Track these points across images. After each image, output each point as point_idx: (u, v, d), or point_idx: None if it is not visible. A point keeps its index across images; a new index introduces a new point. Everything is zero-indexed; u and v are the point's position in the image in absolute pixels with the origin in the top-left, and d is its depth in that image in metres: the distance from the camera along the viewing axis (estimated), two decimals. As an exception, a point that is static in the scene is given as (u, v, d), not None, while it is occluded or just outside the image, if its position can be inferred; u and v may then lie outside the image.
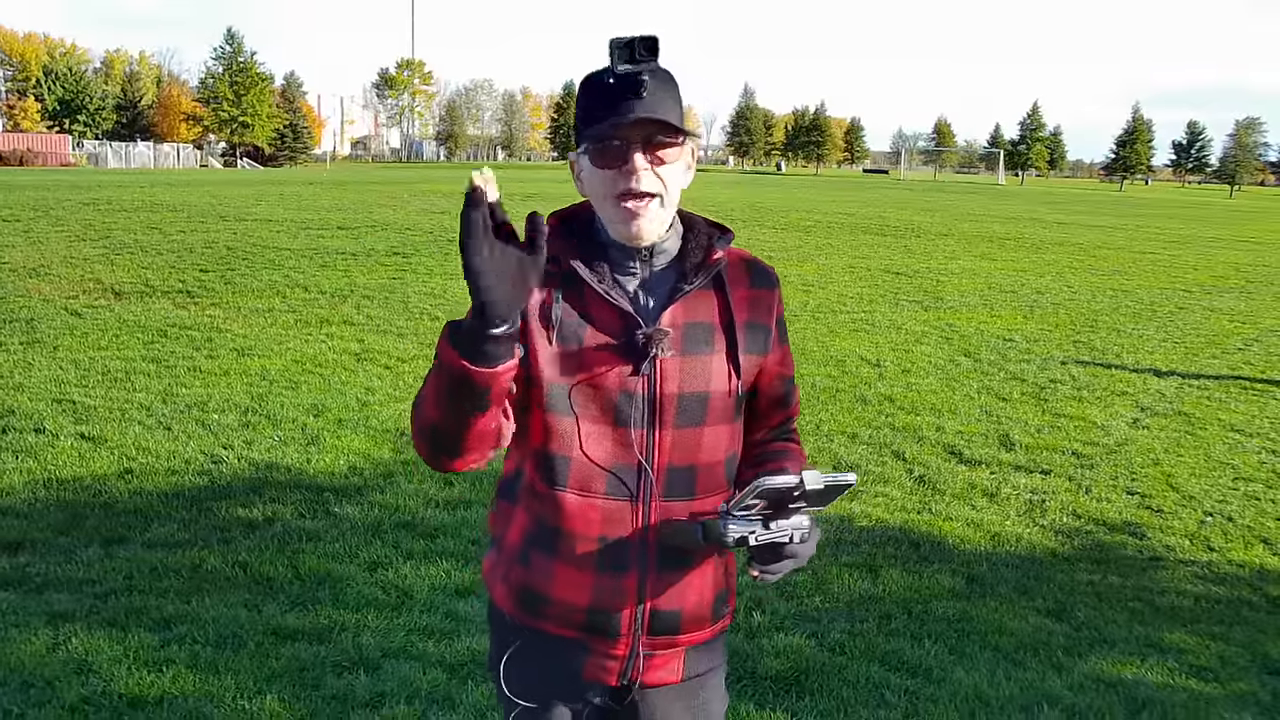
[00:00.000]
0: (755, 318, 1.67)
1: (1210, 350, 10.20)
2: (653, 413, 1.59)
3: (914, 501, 5.33)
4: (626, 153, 1.52)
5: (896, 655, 3.66)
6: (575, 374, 1.57)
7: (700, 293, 1.62)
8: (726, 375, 1.62)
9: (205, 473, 5.24)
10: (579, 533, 1.60)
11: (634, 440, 1.58)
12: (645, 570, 1.62)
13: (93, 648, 3.44)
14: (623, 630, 1.64)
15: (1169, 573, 4.61)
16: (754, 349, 1.66)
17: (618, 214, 1.56)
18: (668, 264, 1.63)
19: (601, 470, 1.59)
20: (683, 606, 1.65)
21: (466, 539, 4.49)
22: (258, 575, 4.06)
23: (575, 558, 1.61)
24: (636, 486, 1.60)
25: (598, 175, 1.56)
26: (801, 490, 1.45)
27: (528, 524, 1.65)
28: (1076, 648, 3.82)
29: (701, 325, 1.61)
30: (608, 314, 1.58)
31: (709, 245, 1.64)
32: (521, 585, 1.67)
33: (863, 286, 13.25)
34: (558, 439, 1.59)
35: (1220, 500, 5.62)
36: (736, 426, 1.69)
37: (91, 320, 8.95)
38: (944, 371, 8.48)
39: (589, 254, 1.60)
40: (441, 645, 3.56)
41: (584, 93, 1.57)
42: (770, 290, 1.70)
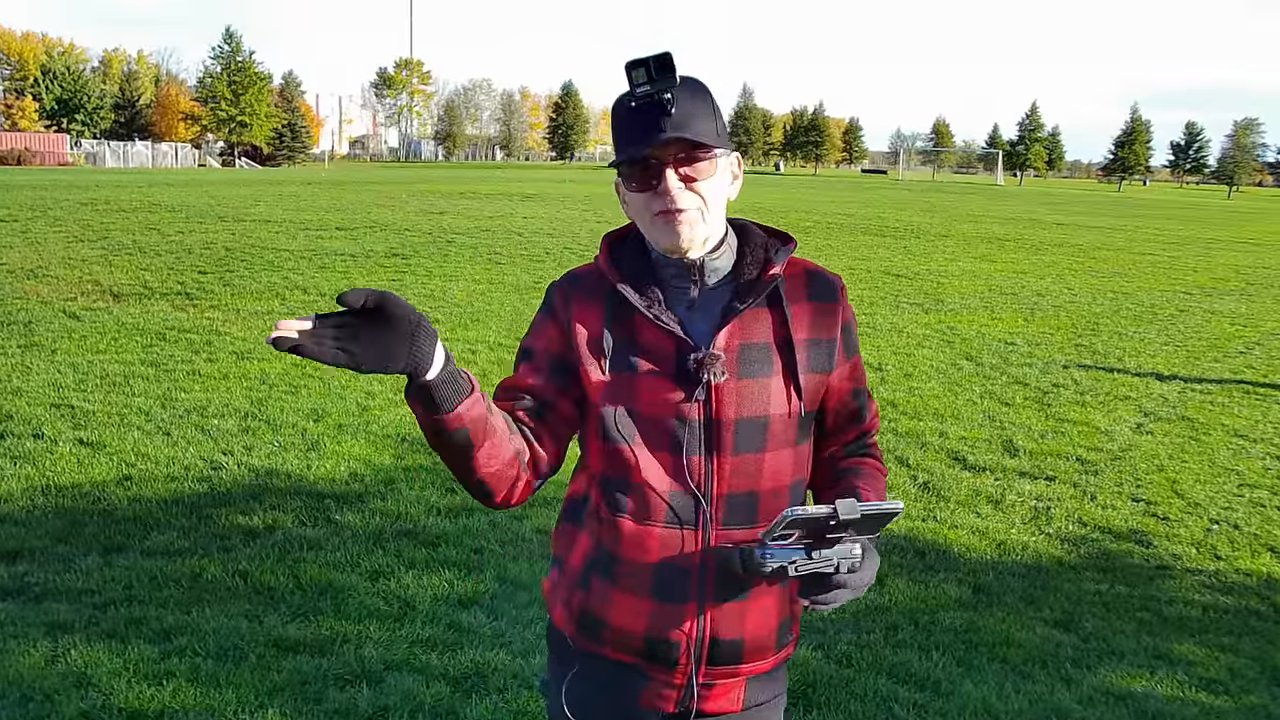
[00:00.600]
0: (817, 333, 1.61)
1: (1212, 354, 10.17)
2: (709, 439, 1.55)
3: (918, 509, 5.30)
4: (658, 173, 1.51)
5: (904, 667, 3.63)
6: (630, 401, 1.56)
7: (756, 311, 1.58)
8: (786, 397, 1.58)
9: (205, 479, 5.20)
10: (637, 560, 1.58)
11: (691, 468, 1.56)
12: (704, 599, 1.59)
13: (92, 660, 3.40)
14: (681, 659, 1.61)
15: (1176, 582, 4.58)
16: (817, 367, 1.61)
17: (657, 229, 1.54)
18: (720, 282, 1.59)
19: (660, 498, 1.56)
20: (743, 635, 1.61)
21: (469, 547, 4.45)
22: (258, 585, 4.02)
23: (633, 585, 1.59)
24: (695, 514, 1.57)
25: (636, 198, 1.55)
26: (837, 520, 1.39)
27: (589, 548, 1.64)
28: (1085, 659, 3.79)
29: (758, 345, 1.57)
30: (659, 339, 1.56)
31: (765, 259, 1.60)
32: (581, 609, 1.65)
33: (863, 288, 13.22)
34: (616, 466, 1.58)
35: (1226, 507, 5.59)
36: (802, 449, 1.64)
37: (90, 323, 8.91)
38: (946, 376, 8.45)
39: (639, 276, 1.59)
40: (445, 658, 3.53)
41: (613, 118, 1.55)
42: (834, 303, 1.64)
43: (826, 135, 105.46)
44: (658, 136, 1.48)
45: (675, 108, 1.48)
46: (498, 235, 17.13)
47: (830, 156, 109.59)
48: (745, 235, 1.64)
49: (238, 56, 72.85)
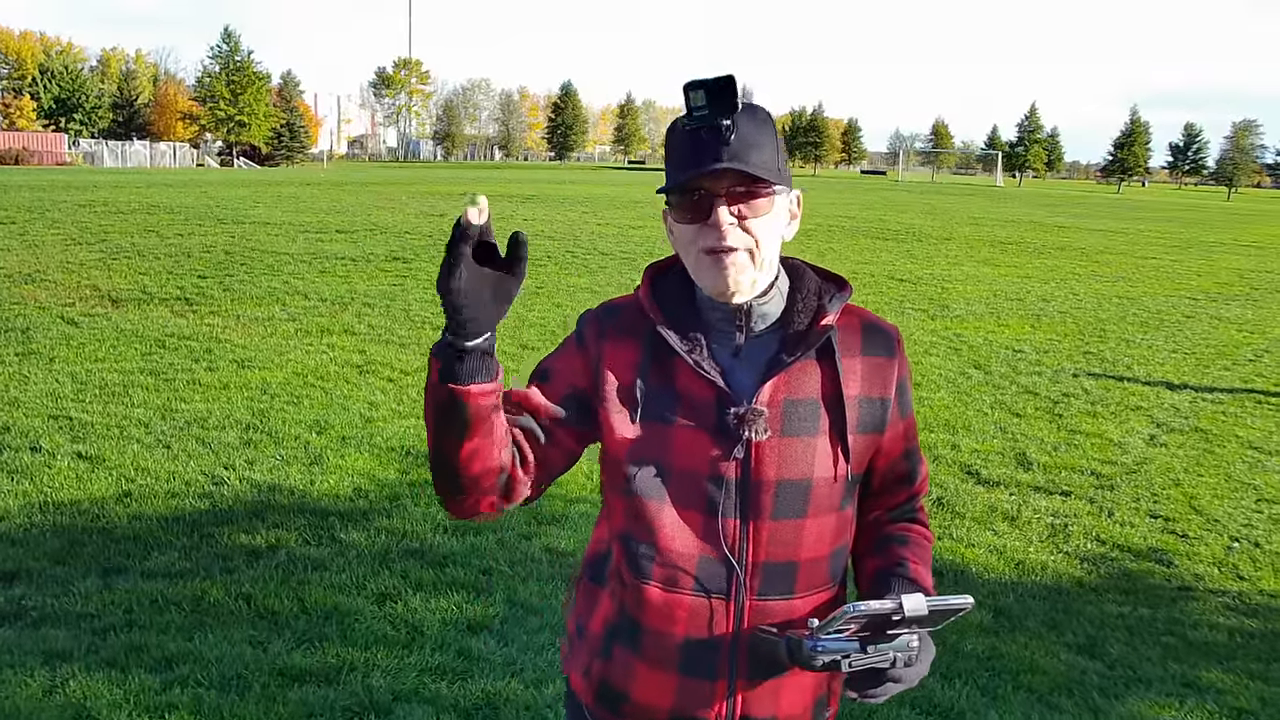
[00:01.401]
0: (870, 390, 1.49)
1: (1221, 362, 10.08)
2: (746, 502, 1.43)
3: (934, 526, 5.19)
4: (709, 206, 1.38)
5: (928, 698, 3.53)
6: (660, 456, 1.44)
7: (805, 364, 1.45)
8: (833, 460, 1.45)
9: (206, 495, 5.09)
10: (663, 630, 1.46)
11: (725, 531, 1.43)
12: (735, 675, 1.46)
13: (91, 691, 3.30)
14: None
15: (1200, 604, 4.49)
16: (868, 427, 1.49)
17: (703, 267, 1.41)
18: (768, 329, 1.47)
19: (690, 563, 1.44)
20: (776, 714, 1.50)
21: (477, 568, 4.35)
22: (262, 609, 3.91)
23: (658, 657, 1.47)
24: (728, 583, 1.44)
25: (683, 231, 1.43)
26: (901, 616, 1.28)
27: (612, 613, 1.52)
28: (1112, 688, 3.69)
29: (805, 402, 1.44)
30: (698, 388, 1.43)
31: (818, 306, 1.48)
32: (601, 679, 1.53)
33: (868, 294, 13.12)
34: (642, 525, 1.46)
35: (1245, 524, 5.49)
36: (846, 515, 1.52)
37: (88, 330, 8.80)
38: (955, 385, 8.35)
39: (681, 317, 1.47)
40: (455, 687, 3.42)
41: (668, 143, 1.44)
42: (890, 358, 1.51)
43: (825, 136, 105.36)
44: (711, 165, 1.36)
45: (734, 135, 1.36)
46: (498, 238, 17.00)
47: (829, 157, 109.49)
48: (797, 278, 1.52)
49: (236, 56, 72.67)
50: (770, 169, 1.39)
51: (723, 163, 1.35)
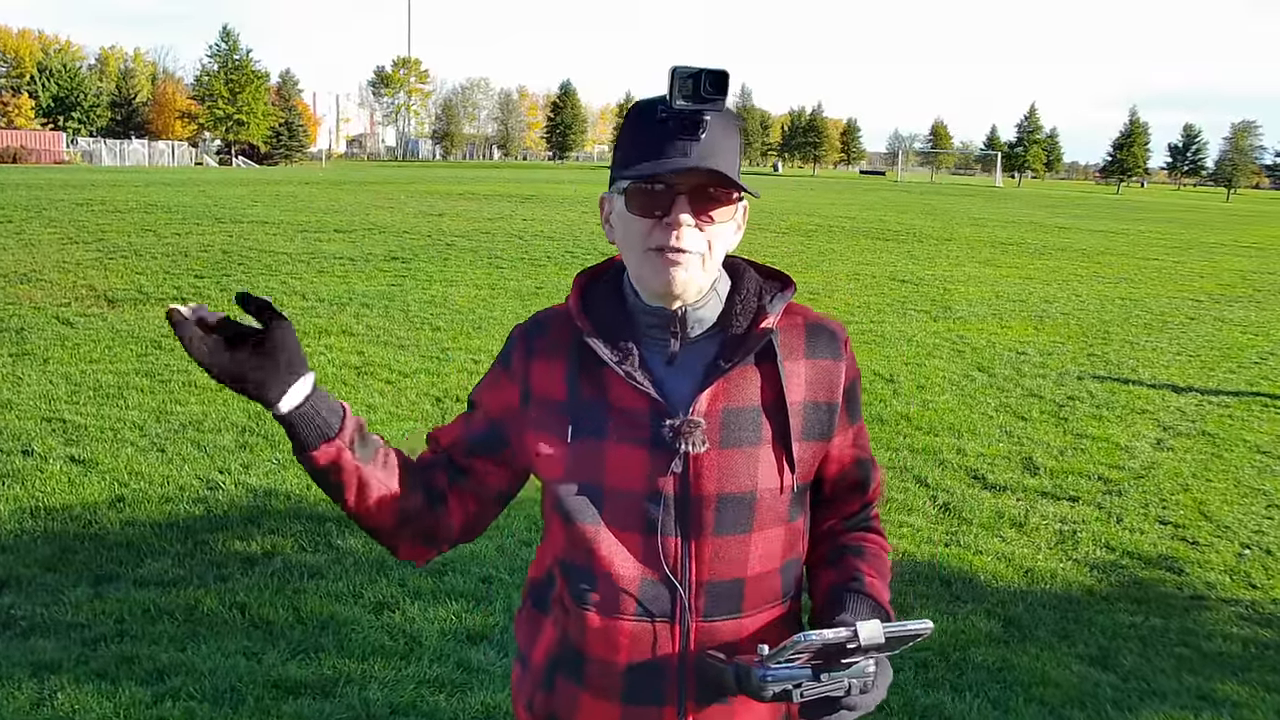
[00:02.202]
0: (816, 395, 1.40)
1: (1226, 364, 10.00)
2: (686, 519, 1.34)
3: (940, 533, 5.12)
4: (669, 203, 1.29)
5: (937, 710, 3.45)
6: (594, 475, 1.35)
7: (745, 369, 1.36)
8: (778, 470, 1.36)
9: (201, 500, 5.01)
10: (606, 658, 1.38)
11: (665, 551, 1.35)
12: (684, 701, 1.37)
13: (81, 704, 3.21)
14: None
15: (1213, 613, 4.40)
16: (814, 434, 1.40)
17: (649, 266, 1.32)
18: (705, 333, 1.38)
19: (629, 587, 1.35)
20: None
21: (476, 576, 4.26)
22: (257, 618, 3.83)
23: (602, 686, 1.39)
24: (671, 605, 1.36)
25: (633, 223, 1.33)
26: (857, 644, 1.21)
27: (554, 642, 1.44)
28: (1126, 701, 3.61)
29: (745, 410, 1.35)
30: (630, 400, 1.34)
31: (758, 308, 1.39)
32: (545, 714, 1.45)
33: (869, 295, 13.04)
34: (579, 549, 1.37)
35: (1256, 531, 5.41)
36: (796, 526, 1.43)
37: (84, 330, 8.71)
38: (960, 388, 8.27)
39: (612, 326, 1.38)
40: (454, 700, 3.34)
41: (630, 125, 1.34)
42: (836, 360, 1.42)
43: (824, 136, 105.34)
44: (682, 161, 1.27)
45: (706, 133, 1.28)
46: (498, 238, 16.93)
47: (828, 157, 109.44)
48: (737, 278, 1.43)
49: (235, 55, 72.54)
50: (736, 175, 1.31)
51: (694, 160, 1.27)
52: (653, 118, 1.30)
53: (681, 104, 1.26)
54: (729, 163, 1.30)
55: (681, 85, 1.26)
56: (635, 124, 1.33)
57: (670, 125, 1.28)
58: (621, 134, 1.36)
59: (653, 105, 1.31)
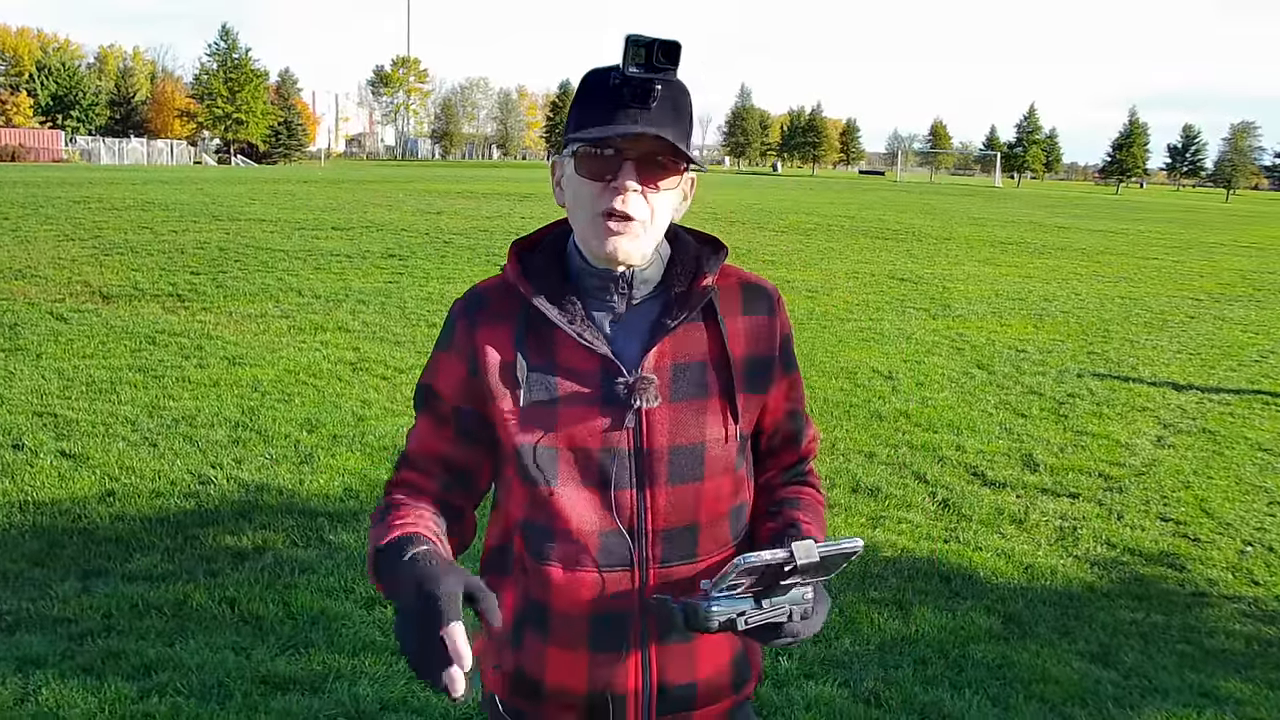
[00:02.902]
0: (754, 350, 1.47)
1: (1227, 363, 9.95)
2: (640, 471, 1.39)
3: (940, 529, 5.07)
4: (618, 166, 1.33)
5: (936, 708, 3.39)
6: (549, 434, 1.38)
7: (688, 327, 1.42)
8: (723, 421, 1.43)
9: (192, 495, 4.95)
10: (570, 611, 1.42)
11: (621, 503, 1.39)
12: (647, 644, 1.43)
13: (65, 699, 3.16)
14: (628, 714, 1.45)
15: (1215, 610, 4.35)
16: (754, 387, 1.47)
17: (594, 229, 1.36)
18: (649, 295, 1.43)
19: (589, 539, 1.39)
20: (695, 679, 1.47)
21: (470, 570, 4.20)
22: (246, 613, 3.77)
23: (568, 638, 1.43)
24: (629, 554, 1.40)
25: (582, 186, 1.36)
26: (794, 565, 1.27)
27: (517, 601, 1.46)
28: (1127, 698, 3.56)
29: (692, 366, 1.42)
30: (581, 360, 1.39)
31: (697, 269, 1.44)
32: (514, 670, 1.48)
33: (868, 293, 12.99)
34: (538, 508, 1.41)
35: (1258, 528, 5.36)
36: (741, 474, 1.50)
37: (77, 326, 8.65)
38: (959, 385, 8.22)
39: (556, 287, 1.41)
40: (443, 696, 3.28)
41: (583, 91, 1.36)
42: (770, 317, 1.49)
43: (824, 136, 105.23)
44: (632, 126, 1.30)
45: (656, 102, 1.31)
46: (496, 236, 16.88)
47: (827, 157, 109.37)
48: (676, 243, 1.48)
49: (234, 54, 72.48)
50: (684, 144, 1.34)
51: (643, 127, 1.30)
52: (606, 84, 1.32)
53: (634, 71, 1.28)
54: (678, 133, 1.33)
55: (634, 54, 1.28)
56: (588, 91, 1.35)
57: (623, 93, 1.30)
58: (575, 99, 1.37)
59: (606, 72, 1.33)
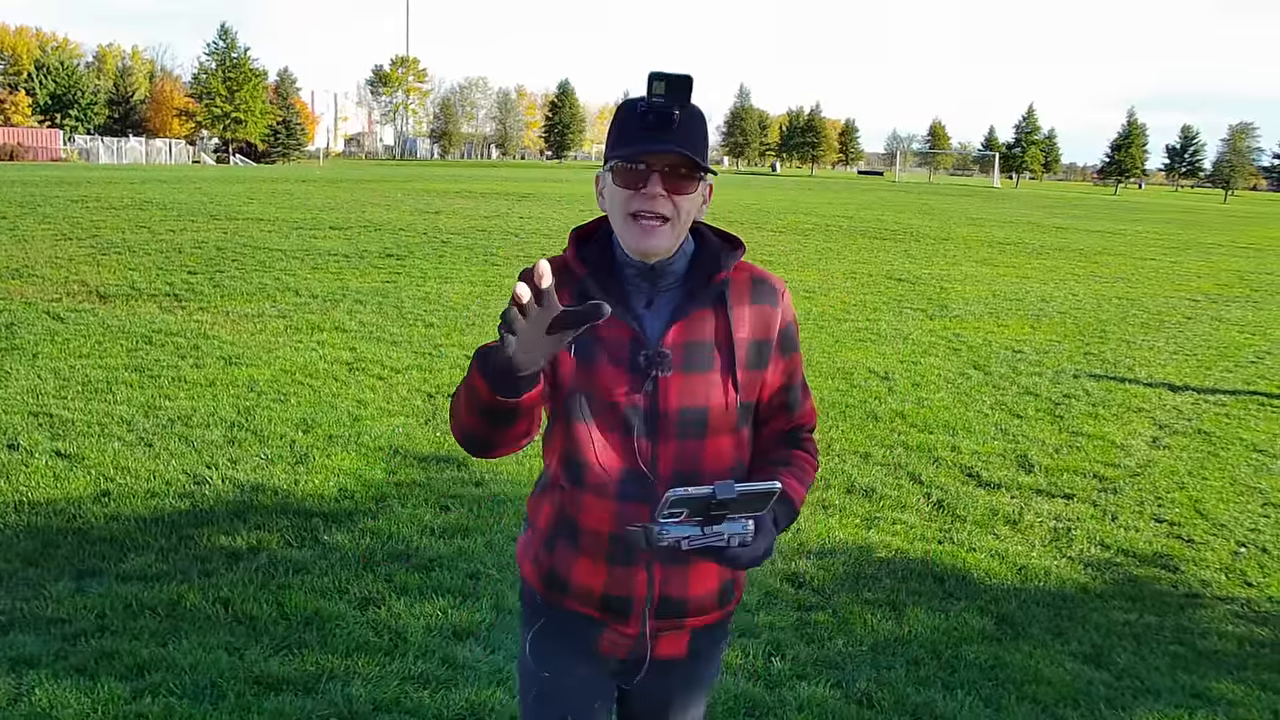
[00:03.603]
0: (757, 333, 1.76)
1: (1223, 363, 9.96)
2: (654, 426, 1.71)
3: (934, 530, 5.07)
4: (647, 177, 1.64)
5: (929, 708, 3.40)
6: (589, 387, 1.71)
7: (702, 312, 1.72)
8: (724, 390, 1.73)
9: (187, 495, 4.95)
10: (594, 529, 1.75)
11: (640, 450, 1.71)
12: (652, 564, 1.76)
13: (59, 699, 3.16)
14: (634, 613, 1.78)
15: (1208, 611, 4.36)
16: (755, 364, 1.77)
17: (630, 228, 1.67)
18: (674, 284, 1.74)
19: (613, 474, 1.72)
20: (688, 594, 1.80)
21: (464, 572, 4.21)
22: (240, 614, 3.77)
23: (592, 550, 1.77)
24: (643, 491, 1.71)
25: (618, 193, 1.67)
26: (716, 500, 1.50)
27: (553, 514, 1.81)
28: (1120, 699, 3.57)
29: (702, 344, 1.72)
30: (617, 333, 1.70)
31: (714, 266, 1.74)
32: (548, 568, 1.83)
33: (866, 293, 13.00)
34: (576, 444, 1.73)
35: (1252, 529, 5.37)
36: (742, 434, 1.80)
37: (74, 325, 8.65)
38: (955, 385, 8.23)
39: (603, 274, 1.73)
40: (438, 697, 3.29)
41: (618, 118, 1.68)
42: (773, 307, 1.78)
43: (823, 136, 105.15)
44: (659, 145, 1.62)
45: (678, 125, 1.62)
46: (494, 236, 16.89)
47: (826, 157, 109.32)
48: (700, 240, 1.78)
49: (233, 53, 72.40)
50: (702, 158, 1.64)
51: (667, 144, 1.62)
52: (635, 112, 1.64)
53: (657, 101, 1.61)
54: (696, 148, 1.64)
55: (655, 87, 1.61)
56: (623, 117, 1.67)
57: (650, 119, 1.63)
58: (613, 124, 1.71)
59: (635, 103, 1.65)
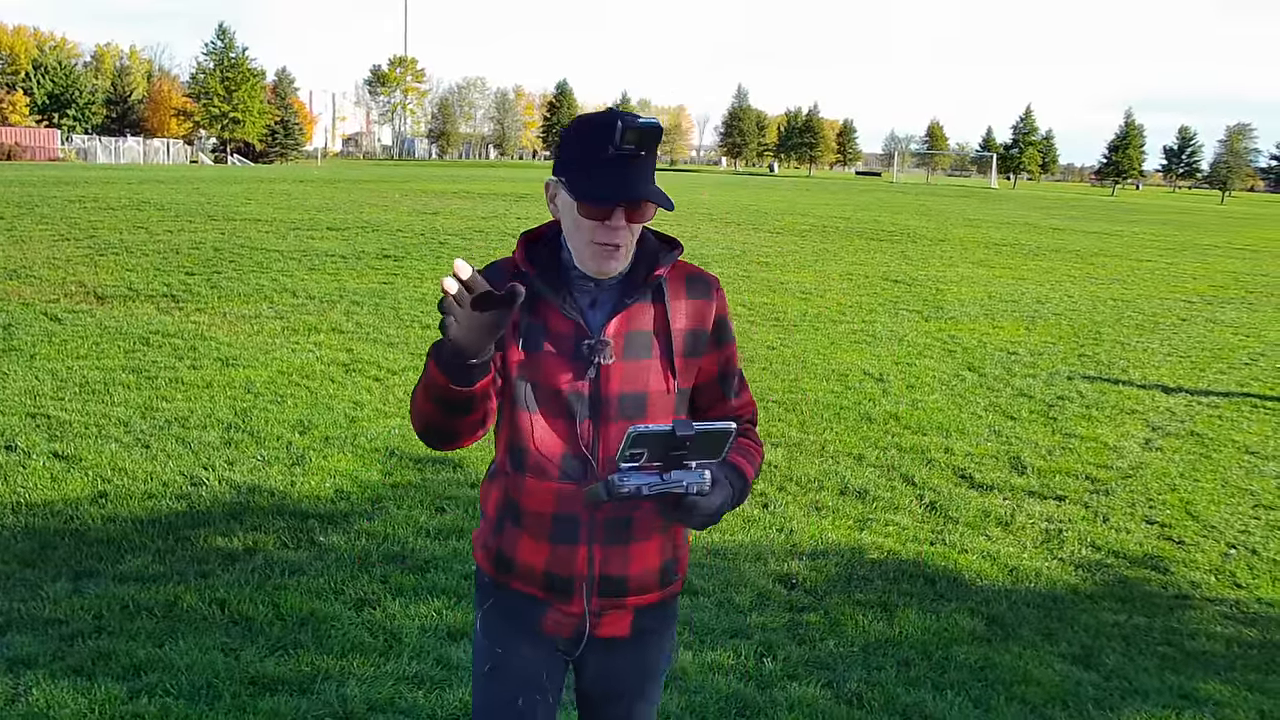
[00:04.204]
0: (692, 324, 1.88)
1: (1217, 365, 10.01)
2: (597, 410, 1.81)
3: (926, 531, 5.11)
4: (611, 213, 1.73)
5: (918, 708, 3.43)
6: (536, 376, 1.81)
7: (642, 304, 1.84)
8: (663, 376, 1.85)
9: (184, 496, 4.98)
10: (537, 510, 1.85)
11: (581, 433, 1.81)
12: (593, 543, 1.85)
13: (55, 700, 3.19)
14: (575, 592, 1.87)
15: (1197, 613, 4.40)
16: (691, 352, 1.88)
17: (591, 253, 1.77)
18: (617, 280, 1.84)
19: (555, 458, 1.82)
20: (628, 573, 1.88)
21: (459, 573, 4.24)
22: (236, 614, 3.80)
23: (536, 530, 1.86)
24: (585, 472, 1.81)
25: (582, 222, 1.76)
26: (674, 437, 1.58)
27: (500, 499, 1.92)
28: (1108, 700, 3.60)
29: (641, 333, 1.83)
30: (563, 325, 1.81)
31: (653, 263, 1.85)
32: (496, 549, 1.93)
33: (862, 295, 13.04)
34: (521, 430, 1.84)
35: (1242, 530, 5.41)
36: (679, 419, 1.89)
37: (71, 326, 8.67)
38: (949, 387, 8.26)
39: (551, 274, 1.83)
40: (432, 697, 3.32)
41: (581, 139, 1.73)
42: (708, 301, 1.90)
43: (821, 137, 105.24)
44: (630, 193, 1.70)
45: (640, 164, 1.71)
46: (491, 237, 16.91)
47: (824, 158, 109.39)
48: (641, 241, 1.87)
49: (231, 53, 72.34)
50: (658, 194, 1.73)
51: (631, 191, 1.70)
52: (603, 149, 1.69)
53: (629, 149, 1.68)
54: (651, 180, 1.74)
55: (628, 136, 1.66)
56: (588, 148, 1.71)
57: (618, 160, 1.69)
58: (572, 140, 1.76)
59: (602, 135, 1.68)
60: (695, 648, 3.74)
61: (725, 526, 4.93)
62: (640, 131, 1.66)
